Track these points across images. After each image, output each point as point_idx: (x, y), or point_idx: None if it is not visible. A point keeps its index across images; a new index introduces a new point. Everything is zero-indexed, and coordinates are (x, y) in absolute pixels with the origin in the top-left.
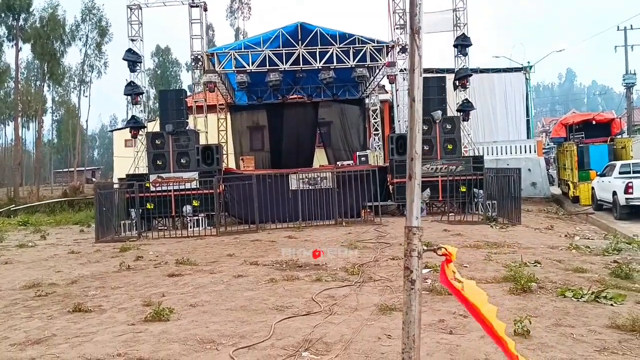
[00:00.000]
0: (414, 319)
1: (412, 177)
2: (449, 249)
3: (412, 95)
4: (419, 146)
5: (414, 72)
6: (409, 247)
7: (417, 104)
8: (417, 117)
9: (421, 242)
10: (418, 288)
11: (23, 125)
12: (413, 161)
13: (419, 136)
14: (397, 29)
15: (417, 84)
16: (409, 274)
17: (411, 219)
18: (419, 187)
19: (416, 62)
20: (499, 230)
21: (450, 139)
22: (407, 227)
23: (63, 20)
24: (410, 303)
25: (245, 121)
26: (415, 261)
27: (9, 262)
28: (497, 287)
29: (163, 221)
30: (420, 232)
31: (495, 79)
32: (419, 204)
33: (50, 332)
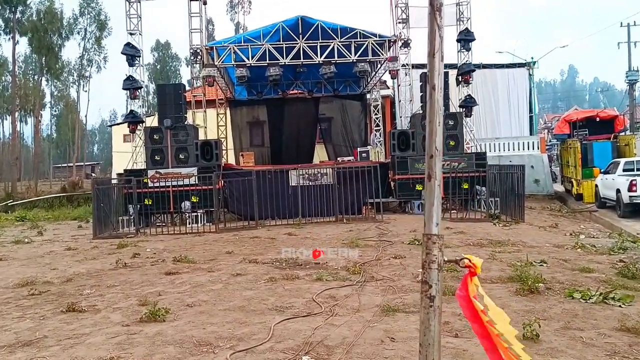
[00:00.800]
0: (433, 341)
1: (432, 177)
2: (474, 260)
3: (431, 83)
4: (439, 141)
5: (434, 56)
6: (427, 258)
7: (437, 93)
8: (437, 107)
9: (442, 252)
10: (438, 305)
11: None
12: (433, 159)
13: (439, 130)
14: (399, 23)
15: (438, 70)
16: (428, 289)
17: (430, 225)
18: (439, 189)
19: (437, 44)
20: (502, 228)
21: (453, 135)
22: (425, 234)
23: (60, 13)
24: (429, 323)
25: (245, 116)
26: (435, 274)
27: (4, 258)
28: (503, 288)
29: (161, 217)
30: (441, 241)
31: (498, 75)
32: (439, 208)
33: (42, 333)
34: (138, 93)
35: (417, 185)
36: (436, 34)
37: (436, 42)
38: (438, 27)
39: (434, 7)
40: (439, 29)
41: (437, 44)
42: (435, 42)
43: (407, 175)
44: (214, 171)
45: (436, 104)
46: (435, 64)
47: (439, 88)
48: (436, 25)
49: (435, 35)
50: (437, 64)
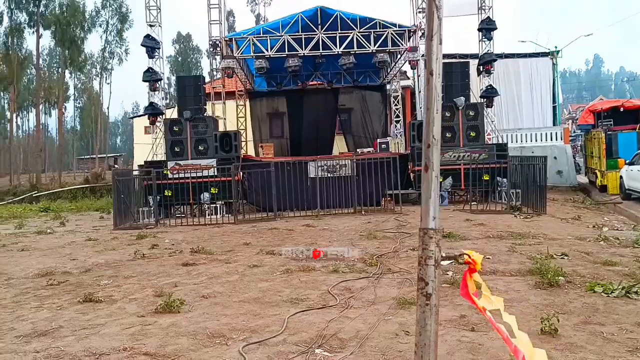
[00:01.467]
0: (429, 341)
1: (429, 167)
2: (473, 255)
3: (429, 68)
4: (437, 130)
5: (432, 39)
6: (423, 253)
7: (435, 79)
8: (435, 94)
9: (439, 247)
10: (435, 304)
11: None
12: (430, 148)
13: (437, 118)
14: (420, 12)
15: (436, 54)
16: (424, 287)
17: (427, 219)
18: (437, 181)
19: (435, 26)
20: (523, 220)
21: (473, 126)
22: (421, 229)
23: (83, 7)
24: (425, 322)
25: (264, 108)
26: (432, 271)
27: (26, 249)
28: (522, 281)
29: (181, 209)
30: (438, 236)
31: (521, 64)
32: (437, 201)
33: (58, 323)
34: (158, 85)
35: None
36: (434, 14)
37: (434, 24)
38: (436, 7)
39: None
40: (437, 10)
41: (436, 25)
42: (434, 24)
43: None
44: (233, 163)
45: (434, 90)
46: (433, 48)
47: (437, 74)
48: (434, 6)
49: (434, 17)
50: (435, 47)
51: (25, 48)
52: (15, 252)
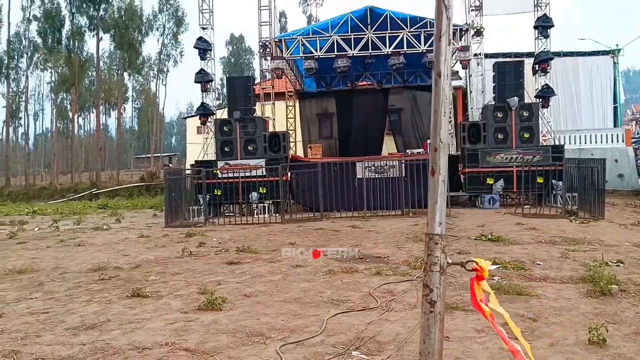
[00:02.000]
0: (433, 350)
1: (435, 171)
2: (481, 262)
3: (437, 69)
4: (444, 133)
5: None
6: (429, 259)
7: (443, 81)
8: (442, 96)
9: (445, 253)
10: (439, 311)
11: (105, 113)
12: (437, 152)
13: (444, 120)
14: (472, 10)
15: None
16: (428, 294)
17: (433, 224)
18: (443, 185)
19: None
20: (578, 225)
21: (527, 127)
22: (427, 234)
23: (140, 10)
24: (429, 330)
25: (314, 108)
26: (437, 277)
27: (82, 244)
28: (573, 289)
29: (230, 208)
30: (444, 242)
31: (580, 63)
32: (444, 206)
33: (106, 317)
34: (209, 86)
35: (487, 178)
36: (443, 15)
37: (443, 24)
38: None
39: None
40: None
41: (444, 26)
42: (442, 24)
43: (478, 168)
44: (280, 163)
45: (441, 92)
46: (442, 48)
47: (446, 75)
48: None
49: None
50: (443, 48)
51: (86, 51)
52: (72, 248)
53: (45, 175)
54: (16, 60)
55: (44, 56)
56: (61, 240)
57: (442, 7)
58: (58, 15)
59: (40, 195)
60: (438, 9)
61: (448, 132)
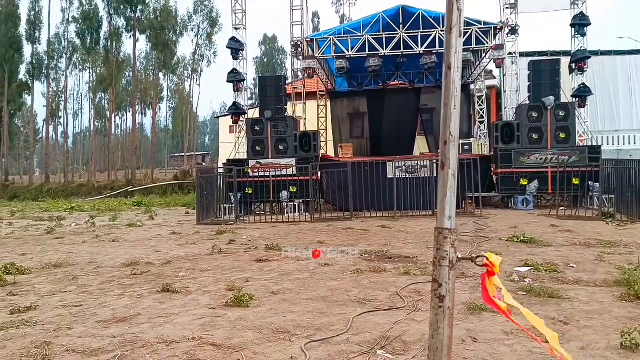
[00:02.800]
0: (442, 345)
1: (445, 165)
2: (492, 258)
3: (447, 62)
4: (455, 127)
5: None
6: (438, 254)
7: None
8: (453, 89)
9: (455, 248)
10: (448, 307)
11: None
12: (447, 145)
13: (455, 114)
14: (507, 8)
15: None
16: (437, 288)
17: (442, 218)
18: (453, 179)
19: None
20: (615, 228)
21: (563, 127)
22: (437, 228)
23: (175, 11)
24: (438, 325)
25: (345, 108)
26: (446, 272)
27: (117, 240)
28: (607, 292)
29: (261, 206)
30: (454, 236)
31: (619, 62)
32: (453, 200)
33: (136, 311)
34: (242, 85)
35: (521, 179)
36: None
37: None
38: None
39: None
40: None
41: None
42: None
43: (511, 169)
44: (311, 162)
45: (452, 85)
46: (452, 41)
47: (456, 67)
48: None
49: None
50: (454, 40)
51: (124, 52)
52: (106, 243)
53: (83, 173)
54: (56, 60)
55: (83, 57)
56: (97, 235)
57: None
58: (96, 16)
59: (79, 192)
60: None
61: (481, 131)
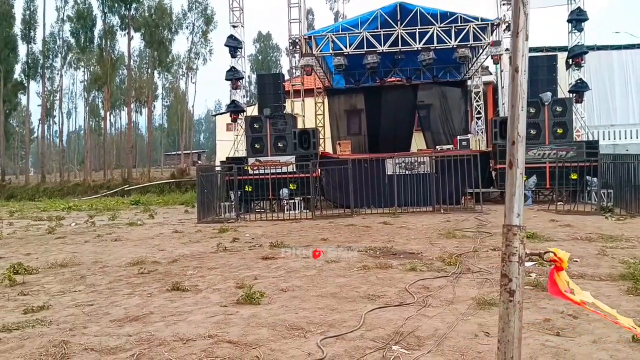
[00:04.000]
0: (513, 338)
1: (513, 164)
2: (559, 253)
3: (514, 65)
4: (522, 127)
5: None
6: (507, 250)
7: (520, 76)
8: (520, 91)
9: (523, 244)
10: (518, 301)
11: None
12: (515, 145)
13: (522, 115)
14: (504, 5)
15: (522, 51)
16: (507, 283)
17: (511, 216)
18: (521, 178)
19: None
20: (615, 222)
21: (561, 123)
22: (505, 225)
23: (170, 9)
24: (509, 318)
25: (342, 105)
26: (516, 267)
27: (119, 239)
28: (613, 286)
29: (261, 204)
30: (522, 233)
31: (615, 57)
32: (521, 198)
33: (148, 309)
34: (240, 83)
35: None
36: (520, 11)
37: (520, 20)
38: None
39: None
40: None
41: (522, 22)
42: (520, 20)
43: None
44: (311, 159)
45: (519, 87)
46: (519, 44)
47: (523, 70)
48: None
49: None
50: (521, 43)
51: (118, 50)
52: (109, 242)
53: (78, 172)
54: (51, 60)
55: (77, 55)
56: (98, 235)
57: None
58: (90, 15)
59: (75, 191)
60: (515, 4)
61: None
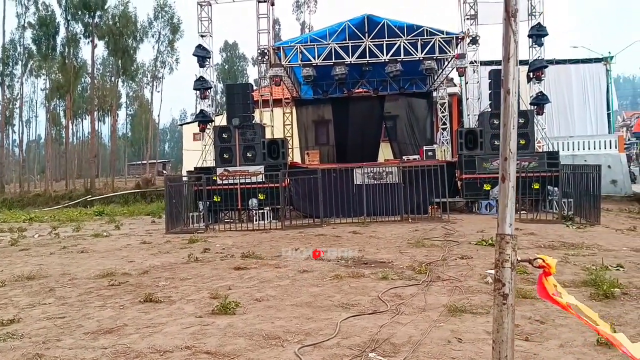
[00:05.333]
0: (507, 338)
1: (505, 178)
2: (548, 260)
3: (506, 87)
4: (514, 144)
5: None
6: (500, 257)
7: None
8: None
9: (515, 251)
10: (511, 303)
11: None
12: (507, 161)
13: (514, 133)
14: (468, 19)
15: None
16: (501, 287)
17: (504, 225)
18: (513, 191)
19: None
20: (575, 230)
21: (523, 134)
22: (499, 234)
23: (135, 17)
24: (502, 320)
25: (310, 115)
26: (508, 273)
27: (85, 251)
28: (577, 292)
29: (229, 214)
30: (514, 241)
31: (573, 71)
32: (513, 209)
33: (122, 321)
34: (208, 93)
35: (484, 184)
36: (511, 39)
37: (511, 47)
38: (513, 32)
39: (509, 13)
40: (513, 35)
41: (512, 49)
42: (510, 47)
43: (475, 174)
44: (280, 169)
45: (510, 107)
46: (510, 69)
47: (514, 92)
48: (511, 31)
49: (510, 41)
50: (511, 68)
51: (80, 58)
52: (75, 254)
53: (39, 183)
54: (10, 67)
55: (39, 63)
56: (64, 247)
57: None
58: (52, 22)
59: (35, 202)
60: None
61: (443, 138)
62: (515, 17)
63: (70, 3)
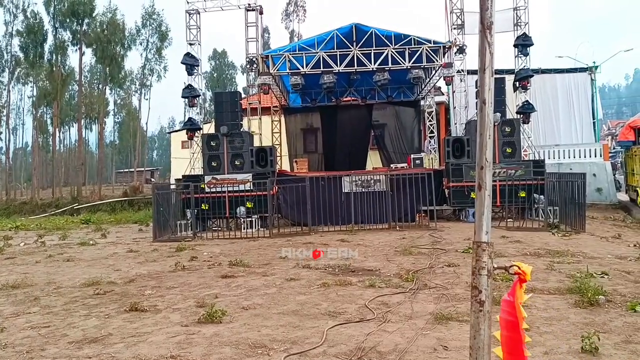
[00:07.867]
0: (483, 344)
1: (482, 187)
2: (523, 267)
3: (482, 98)
4: (489, 153)
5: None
6: (477, 264)
7: (487, 107)
8: (487, 121)
9: (491, 259)
10: (488, 310)
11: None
12: (483, 170)
13: (489, 142)
14: (455, 29)
15: (488, 85)
16: (478, 294)
17: (480, 233)
18: (489, 199)
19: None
20: (561, 238)
21: (509, 142)
22: (475, 242)
23: (122, 25)
24: (479, 327)
25: (299, 123)
26: (485, 280)
27: (71, 259)
28: (561, 299)
29: (217, 222)
30: (490, 248)
31: (558, 80)
32: (489, 217)
33: (107, 331)
34: (196, 101)
35: (472, 192)
36: (487, 50)
37: (486, 58)
38: (488, 44)
39: (484, 26)
40: (489, 46)
41: (488, 60)
42: (486, 59)
43: (462, 182)
44: (268, 177)
45: (486, 117)
46: (486, 79)
47: (490, 103)
48: (486, 43)
49: (486, 52)
50: (487, 79)
51: (68, 65)
52: (61, 263)
53: (25, 190)
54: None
55: (26, 70)
56: (49, 255)
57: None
58: (40, 30)
59: (22, 210)
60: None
61: (431, 146)
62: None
63: (58, 11)
